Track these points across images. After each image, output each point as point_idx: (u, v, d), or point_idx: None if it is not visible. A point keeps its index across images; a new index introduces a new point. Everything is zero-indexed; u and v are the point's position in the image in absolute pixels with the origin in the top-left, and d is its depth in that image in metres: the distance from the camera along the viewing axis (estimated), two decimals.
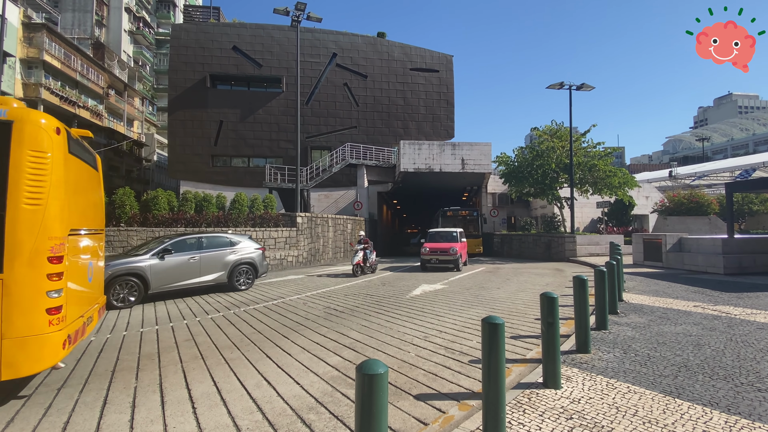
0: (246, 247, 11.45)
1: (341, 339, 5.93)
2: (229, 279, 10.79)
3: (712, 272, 12.56)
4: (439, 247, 15.52)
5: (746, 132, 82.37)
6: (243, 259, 11.18)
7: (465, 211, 25.39)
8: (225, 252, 10.88)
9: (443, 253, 15.22)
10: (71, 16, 38.42)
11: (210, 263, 10.43)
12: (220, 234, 11.73)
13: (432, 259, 15.27)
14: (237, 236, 11.68)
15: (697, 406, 3.48)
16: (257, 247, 11.77)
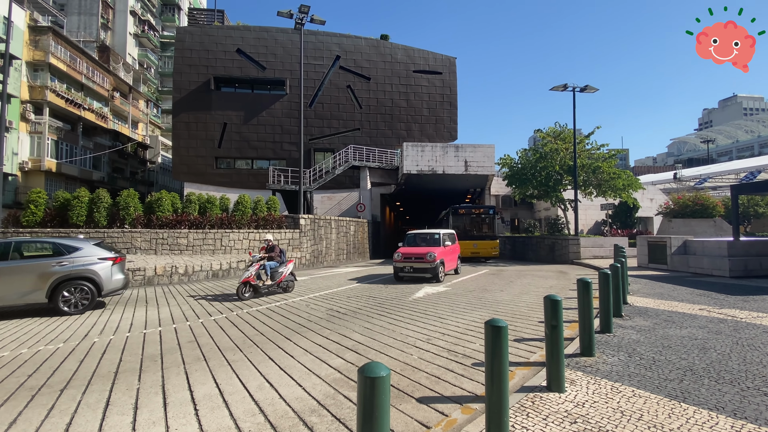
0: (84, 256, 8.55)
1: (343, 341, 5.92)
2: (51, 299, 8.13)
3: (718, 275, 12.46)
4: (414, 252, 12.49)
5: (751, 134, 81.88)
6: (75, 272, 8.36)
7: (479, 209, 22.76)
8: (45, 263, 8.27)
9: (419, 260, 12.21)
10: (77, 19, 38.75)
11: (14, 278, 8.00)
12: (42, 239, 9.61)
13: (405, 267, 12.35)
14: (74, 241, 8.98)
15: (703, 411, 3.44)
16: (104, 256, 8.74)
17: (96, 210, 16.01)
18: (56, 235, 15.38)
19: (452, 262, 14.16)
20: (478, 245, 20.92)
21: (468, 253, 19.61)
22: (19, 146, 25.93)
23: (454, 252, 14.40)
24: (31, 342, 6.21)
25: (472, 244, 20.62)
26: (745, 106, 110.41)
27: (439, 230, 14.48)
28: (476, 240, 21.08)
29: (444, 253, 13.01)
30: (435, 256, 12.18)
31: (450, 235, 14.85)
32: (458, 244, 15.33)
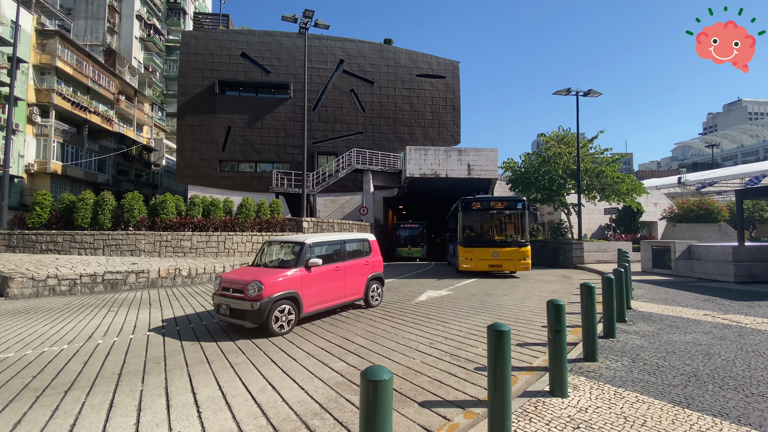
0: None
1: (346, 344, 5.92)
2: None
3: (723, 280, 12.38)
4: (235, 282, 6.82)
5: (756, 138, 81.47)
6: None
7: (501, 202, 15.55)
8: None
9: (237, 295, 6.66)
10: (83, 23, 39.14)
11: None
12: None
13: (221, 305, 6.86)
14: None
15: (707, 417, 3.42)
16: None
17: (101, 212, 16.10)
18: (61, 237, 15.49)
19: (344, 290, 8.00)
20: (500, 254, 14.32)
21: (486, 267, 14.37)
22: (26, 149, 26.16)
23: (353, 273, 8.20)
24: (36, 343, 6.25)
25: (490, 252, 14.37)
26: (750, 110, 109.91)
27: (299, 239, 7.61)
28: (497, 247, 14.50)
29: (303, 282, 7.00)
30: (260, 290, 6.37)
31: (359, 243, 8.76)
32: (376, 259, 8.97)
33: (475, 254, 14.38)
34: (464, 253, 14.59)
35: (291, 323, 6.75)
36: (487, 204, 15.35)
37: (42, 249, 15.40)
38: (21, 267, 12.10)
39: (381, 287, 9.14)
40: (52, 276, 11.37)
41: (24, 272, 11.29)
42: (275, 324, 6.53)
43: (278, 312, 6.56)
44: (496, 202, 15.38)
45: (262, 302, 6.36)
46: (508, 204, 15.21)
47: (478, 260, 14.30)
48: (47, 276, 11.29)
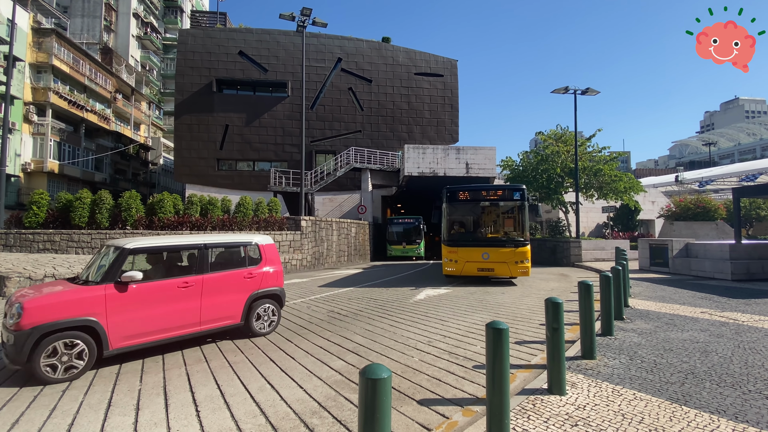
0: None
1: (345, 343, 5.92)
2: None
3: (720, 278, 12.44)
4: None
5: (753, 137, 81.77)
6: None
7: (495, 191, 12.96)
8: None
9: None
10: (80, 22, 38.95)
11: None
12: None
13: None
14: None
15: (705, 414, 3.44)
16: None
17: (98, 211, 16.05)
18: (58, 236, 15.43)
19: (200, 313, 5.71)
20: (492, 256, 11.78)
21: (474, 270, 11.95)
22: (22, 147, 26.04)
23: (219, 290, 5.94)
24: None
25: (479, 253, 11.88)
26: (747, 108, 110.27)
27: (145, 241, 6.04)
28: (489, 247, 11.98)
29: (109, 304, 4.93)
30: (18, 316, 4.41)
31: (236, 248, 6.58)
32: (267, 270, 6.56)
33: (461, 255, 11.81)
34: (448, 253, 12.03)
35: (78, 370, 4.55)
36: (478, 194, 12.69)
37: (39, 248, 15.34)
38: (18, 266, 12.06)
39: (278, 308, 6.62)
40: (50, 275, 11.33)
41: (21, 272, 11.25)
42: (45, 369, 4.38)
43: (54, 348, 4.43)
44: (488, 192, 12.69)
45: (18, 334, 4.32)
46: (503, 194, 12.54)
47: (465, 262, 11.71)
48: (44, 275, 11.25)
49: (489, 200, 12.72)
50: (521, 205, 12.17)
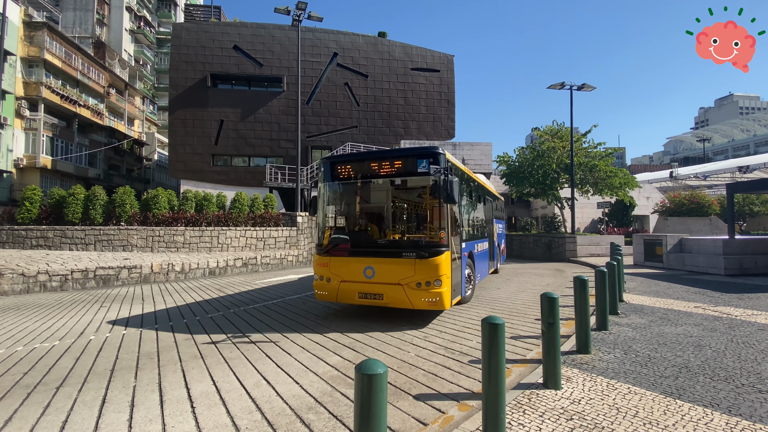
0: None
1: (341, 338, 5.92)
2: None
3: (713, 273, 12.54)
4: None
5: (747, 133, 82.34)
6: None
7: (393, 161, 7.05)
8: None
9: None
10: (72, 15, 38.45)
11: None
12: None
13: None
14: None
15: (698, 408, 3.46)
16: None
17: (92, 207, 15.93)
18: (51, 232, 15.29)
19: None
20: (379, 272, 6.66)
21: (354, 296, 6.91)
22: (14, 143, 25.75)
23: None
24: (27, 340, 6.18)
25: (361, 268, 6.82)
26: (741, 105, 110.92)
27: None
28: (374, 257, 6.78)
29: None
30: None
31: None
32: None
33: (334, 270, 7.01)
34: (319, 266, 7.19)
35: None
36: (365, 166, 7.32)
37: (32, 245, 15.21)
38: (11, 263, 11.95)
39: None
40: (43, 272, 11.25)
41: (14, 268, 11.15)
42: None
43: None
44: (380, 162, 7.15)
45: None
46: (402, 165, 6.91)
47: (340, 282, 6.92)
48: (38, 272, 11.17)
49: (382, 176, 7.20)
50: (437, 183, 6.48)
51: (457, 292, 7.14)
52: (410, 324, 6.75)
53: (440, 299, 6.31)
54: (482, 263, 10.11)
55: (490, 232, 11.93)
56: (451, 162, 7.22)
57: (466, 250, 7.94)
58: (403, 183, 7.48)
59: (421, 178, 6.87)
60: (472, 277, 8.53)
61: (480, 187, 10.80)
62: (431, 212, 6.85)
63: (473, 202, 9.59)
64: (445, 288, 6.37)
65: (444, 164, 6.54)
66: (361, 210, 8.02)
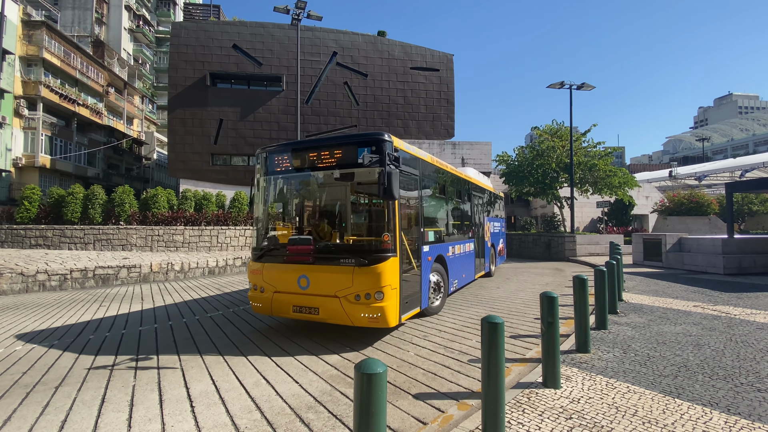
0: None
1: (340, 338, 5.92)
2: None
3: (712, 272, 12.55)
4: None
5: (746, 132, 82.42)
6: None
7: (332, 149, 5.91)
8: None
9: None
10: (71, 14, 38.36)
11: None
12: None
13: None
14: None
15: (697, 406, 3.47)
16: None
17: (91, 206, 15.91)
18: (50, 231, 15.27)
19: None
20: (314, 282, 5.63)
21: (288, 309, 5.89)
22: (13, 142, 25.70)
23: None
24: (26, 339, 6.18)
25: (295, 277, 5.75)
26: (740, 104, 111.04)
27: None
28: (309, 265, 5.72)
29: None
30: None
31: None
32: None
33: (267, 278, 6.04)
34: (252, 274, 6.27)
35: None
36: (303, 156, 6.24)
37: (31, 244, 15.19)
38: (10, 262, 11.94)
39: None
40: (42, 271, 11.23)
41: (13, 267, 11.14)
42: None
43: None
44: (318, 152, 6.05)
45: None
46: (344, 154, 5.87)
47: (273, 293, 5.96)
48: (37, 271, 11.16)
49: (321, 168, 6.07)
50: (383, 176, 5.21)
51: (413, 304, 6.08)
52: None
53: (382, 315, 5.20)
54: (463, 267, 9.01)
55: (478, 231, 10.89)
56: (404, 150, 6.17)
57: (432, 253, 6.93)
58: (345, 176, 6.02)
59: (364, 169, 5.59)
60: (443, 285, 7.45)
61: (459, 180, 9.57)
62: (376, 211, 6.09)
63: (448, 198, 8.50)
64: (389, 302, 5.26)
65: (389, 152, 5.46)
66: (297, 209, 7.04)
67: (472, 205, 10.57)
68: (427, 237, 6.84)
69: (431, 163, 7.54)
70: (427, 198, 7.17)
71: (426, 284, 6.60)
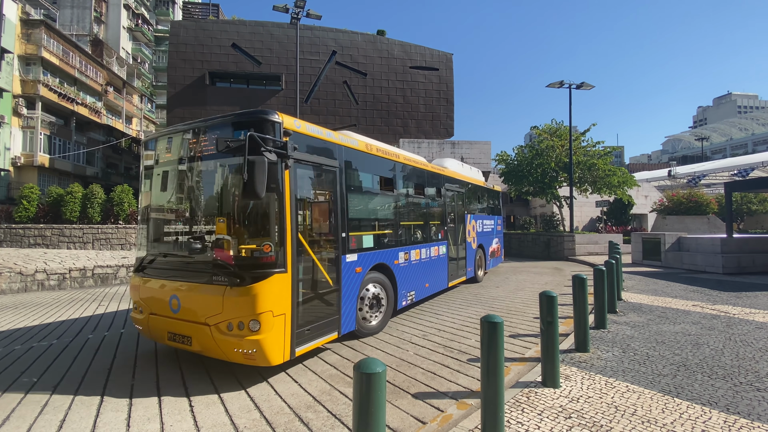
0: None
1: None
2: None
3: (711, 271, 12.56)
4: None
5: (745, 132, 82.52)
6: None
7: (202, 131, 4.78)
8: None
9: None
10: (70, 13, 38.27)
11: None
12: None
13: None
14: None
15: (696, 406, 3.47)
16: None
17: (90, 206, 15.88)
18: (49, 231, 15.25)
19: None
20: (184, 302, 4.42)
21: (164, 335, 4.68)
22: (12, 141, 25.65)
23: None
24: (24, 338, 6.16)
25: (166, 295, 4.58)
26: (739, 104, 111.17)
27: None
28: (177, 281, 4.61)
29: None
30: None
31: None
32: None
33: (143, 296, 4.95)
34: (131, 290, 5.25)
35: None
36: (184, 143, 5.01)
37: (30, 243, 15.17)
38: (8, 261, 11.92)
39: None
40: (41, 270, 11.22)
41: (11, 267, 11.12)
42: None
43: None
44: (199, 136, 4.83)
45: None
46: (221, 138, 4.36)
47: (149, 314, 4.82)
48: (36, 270, 11.14)
49: (201, 157, 4.88)
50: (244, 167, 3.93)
51: (324, 330, 4.86)
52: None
53: (259, 351, 4.00)
54: (425, 275, 7.74)
55: (455, 232, 9.53)
56: (310, 135, 5.07)
57: (364, 263, 5.73)
58: (226, 166, 4.57)
59: (233, 158, 4.36)
60: (385, 300, 6.21)
61: (420, 173, 8.04)
62: (263, 213, 4.42)
63: (398, 195, 7.11)
64: (268, 334, 4.04)
65: (262, 136, 4.14)
66: (175, 209, 5.26)
67: (445, 201, 9.11)
68: (354, 243, 5.64)
69: (364, 151, 6.18)
70: (356, 195, 5.91)
71: (350, 302, 5.40)
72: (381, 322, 6.13)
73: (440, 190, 8.95)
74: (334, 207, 5.32)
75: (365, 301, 5.89)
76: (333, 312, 5.08)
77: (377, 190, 6.63)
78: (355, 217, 5.82)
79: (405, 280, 6.97)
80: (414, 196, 7.81)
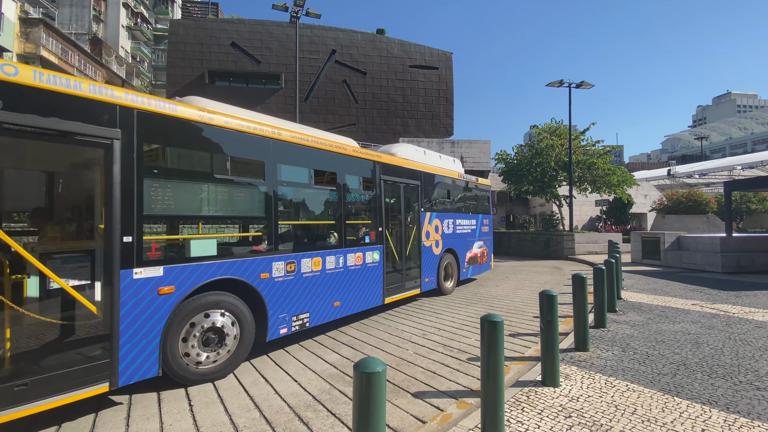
0: None
1: (339, 336, 5.91)
2: None
3: (711, 271, 12.57)
4: None
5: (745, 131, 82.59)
6: None
7: None
8: None
9: None
10: (68, 12, 38.21)
11: None
12: None
13: None
14: None
15: (696, 405, 3.47)
16: None
17: None
18: None
19: None
20: None
21: None
22: None
23: None
24: None
25: None
26: (738, 103, 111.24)
27: None
28: None
29: None
30: None
31: None
32: None
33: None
34: None
35: None
36: None
37: None
38: None
39: None
40: None
41: None
42: None
43: None
44: None
45: None
46: None
47: None
48: None
49: None
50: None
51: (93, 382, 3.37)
52: None
53: None
54: (327, 293, 5.84)
55: (395, 235, 7.80)
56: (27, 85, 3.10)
57: (185, 280, 4.08)
58: None
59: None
60: (230, 332, 4.42)
61: (322, 157, 6.04)
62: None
63: (274, 184, 5.16)
64: None
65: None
66: None
67: (382, 195, 7.24)
68: (157, 251, 3.96)
69: (195, 121, 4.33)
70: (163, 180, 4.15)
71: (144, 338, 3.77)
72: (225, 364, 4.38)
73: (374, 182, 7.12)
74: (109, 197, 3.52)
75: (193, 336, 4.16)
76: (98, 356, 3.44)
77: (227, 176, 4.68)
78: (166, 214, 4.25)
79: (288, 299, 5.22)
80: (315, 188, 6.03)
